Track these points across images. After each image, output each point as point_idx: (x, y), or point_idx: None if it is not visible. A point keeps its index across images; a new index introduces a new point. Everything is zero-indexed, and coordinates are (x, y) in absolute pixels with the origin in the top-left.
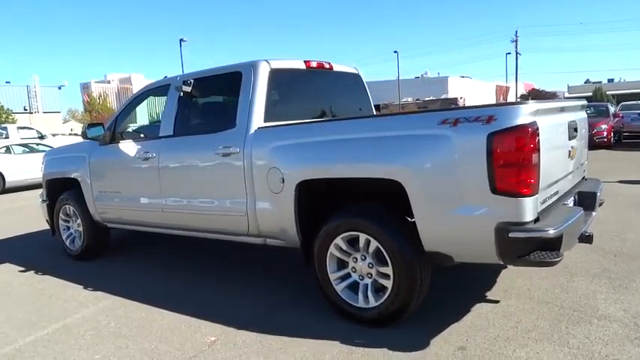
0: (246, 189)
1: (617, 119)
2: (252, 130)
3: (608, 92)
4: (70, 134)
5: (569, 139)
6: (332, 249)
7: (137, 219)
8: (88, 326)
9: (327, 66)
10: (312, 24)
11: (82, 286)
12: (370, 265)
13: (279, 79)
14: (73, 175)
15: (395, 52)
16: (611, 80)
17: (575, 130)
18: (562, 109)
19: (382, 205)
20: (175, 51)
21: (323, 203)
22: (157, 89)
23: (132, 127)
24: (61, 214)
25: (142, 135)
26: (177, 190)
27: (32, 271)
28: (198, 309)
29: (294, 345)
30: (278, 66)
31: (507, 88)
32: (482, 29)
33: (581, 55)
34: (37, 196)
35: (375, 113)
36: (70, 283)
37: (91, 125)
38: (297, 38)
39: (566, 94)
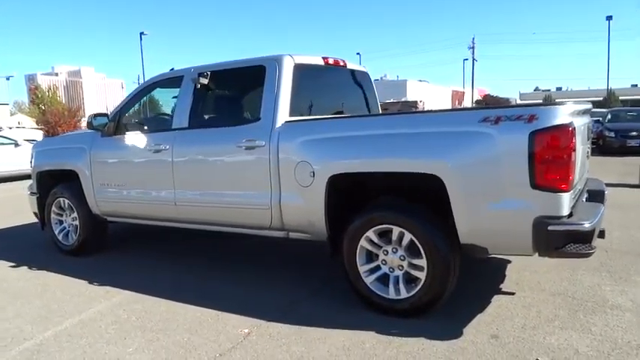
0: (271, 182)
1: None
2: (278, 124)
3: (557, 100)
4: (17, 127)
5: (587, 140)
6: (363, 242)
7: (144, 212)
8: (108, 321)
9: (342, 63)
10: (272, 24)
11: (86, 282)
12: (402, 258)
13: (301, 74)
14: (71, 167)
15: (357, 53)
16: (559, 89)
17: (589, 132)
18: (584, 112)
19: (416, 200)
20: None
21: (348, 197)
22: (167, 81)
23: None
24: (53, 208)
25: (145, 127)
26: (193, 183)
27: (25, 267)
28: (220, 302)
29: (331, 335)
30: (300, 61)
31: (463, 94)
32: (440, 35)
33: (531, 64)
34: (13, 188)
35: (380, 111)
36: (72, 278)
37: (97, 115)
38: (258, 37)
39: (518, 101)
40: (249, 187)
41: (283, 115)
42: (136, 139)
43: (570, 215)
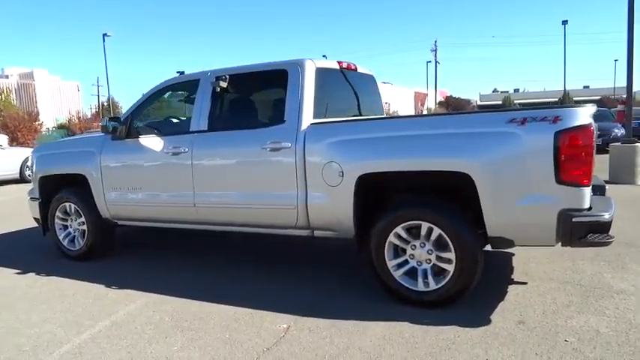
0: (297, 182)
1: None
2: (303, 126)
3: (515, 101)
4: None
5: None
6: (391, 237)
7: (159, 215)
8: (142, 322)
9: (353, 67)
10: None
11: (103, 285)
12: (430, 252)
13: (322, 77)
14: (79, 172)
15: (324, 56)
16: (517, 90)
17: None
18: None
19: (444, 196)
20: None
21: (372, 196)
22: (181, 84)
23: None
24: (58, 213)
25: (159, 130)
26: (215, 185)
27: (32, 273)
28: (249, 301)
29: (367, 327)
30: (320, 65)
31: (425, 95)
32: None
33: (490, 66)
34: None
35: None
36: (87, 282)
37: (111, 119)
38: (215, 38)
39: (478, 102)
40: (275, 187)
41: (308, 117)
42: (150, 142)
43: (590, 208)
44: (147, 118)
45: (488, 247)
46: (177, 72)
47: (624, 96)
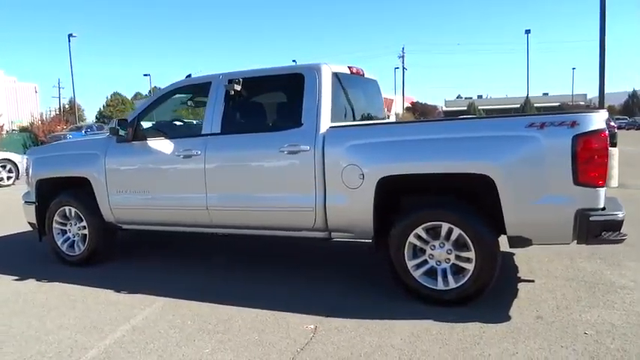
0: (315, 184)
1: None
2: (322, 130)
3: (479, 107)
4: None
5: None
6: (411, 238)
7: (169, 218)
8: (164, 326)
9: (362, 72)
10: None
11: (111, 290)
12: (449, 251)
13: (336, 82)
14: (82, 175)
15: (293, 61)
16: (480, 96)
17: None
18: None
19: (462, 198)
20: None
21: (392, 198)
22: (191, 87)
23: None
24: (56, 217)
25: (167, 132)
26: (229, 188)
27: (32, 279)
28: (268, 302)
29: (394, 325)
30: (335, 70)
31: (392, 101)
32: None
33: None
34: None
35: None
36: (93, 288)
37: (120, 122)
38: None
39: (444, 108)
40: (292, 189)
41: (326, 121)
42: (160, 144)
43: (604, 208)
44: (153, 120)
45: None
46: (187, 75)
47: (582, 102)
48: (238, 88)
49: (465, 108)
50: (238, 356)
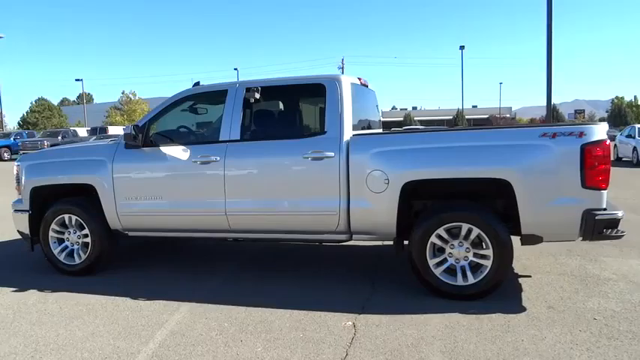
0: (340, 189)
1: None
2: (346, 137)
3: (415, 118)
4: None
5: None
6: (433, 238)
7: (182, 224)
8: (202, 329)
9: (366, 83)
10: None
11: (127, 298)
12: (467, 250)
13: (352, 92)
14: (86, 181)
15: (235, 69)
16: (415, 108)
17: None
18: None
19: (481, 201)
20: None
21: (414, 201)
22: (204, 94)
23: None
24: (53, 225)
25: (170, 139)
26: (251, 193)
27: (32, 290)
28: (298, 303)
29: (427, 319)
30: (352, 81)
31: None
32: (312, 55)
33: (391, 84)
34: None
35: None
36: (106, 296)
37: (136, 128)
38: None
39: (381, 118)
40: (316, 194)
41: (349, 128)
42: (173, 150)
43: (605, 208)
44: (161, 127)
45: None
46: (195, 83)
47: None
48: (257, 96)
49: (402, 119)
50: (293, 353)
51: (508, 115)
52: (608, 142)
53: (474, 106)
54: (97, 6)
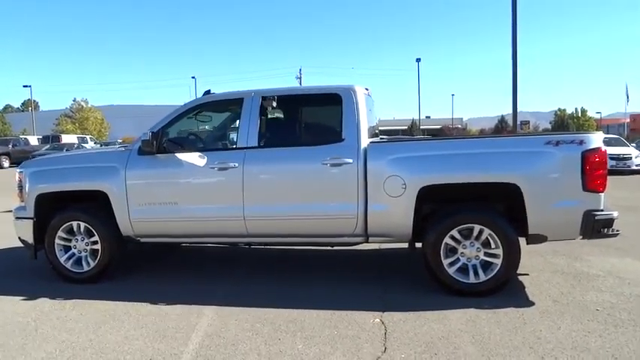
0: (358, 194)
1: None
2: (363, 144)
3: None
4: None
5: None
6: (447, 239)
7: (197, 230)
8: (236, 331)
9: (370, 93)
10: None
11: (146, 303)
12: (478, 249)
13: (366, 101)
14: (98, 188)
15: (193, 77)
16: None
17: None
18: None
19: (491, 203)
20: None
21: (428, 204)
22: (218, 102)
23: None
24: (60, 233)
25: (193, 146)
26: (271, 198)
27: (44, 298)
28: (321, 303)
29: (447, 314)
30: (364, 91)
31: None
32: (272, 65)
33: None
34: None
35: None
36: (127, 302)
37: (154, 135)
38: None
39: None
40: (334, 198)
41: (365, 136)
42: (188, 156)
43: (602, 209)
44: (173, 134)
45: None
46: (205, 91)
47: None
48: (274, 105)
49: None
50: (334, 349)
51: (460, 126)
52: (604, 149)
53: (427, 117)
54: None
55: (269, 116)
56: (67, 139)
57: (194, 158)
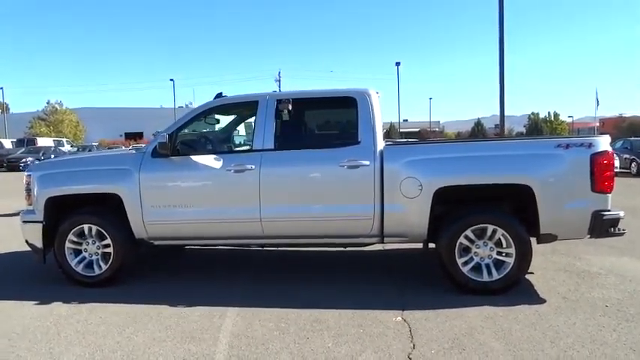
0: (374, 195)
1: None
2: (379, 147)
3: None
4: None
5: None
6: (461, 239)
7: (212, 232)
8: (262, 332)
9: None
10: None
11: (165, 306)
12: (491, 249)
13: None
14: (111, 190)
15: (171, 79)
16: None
17: None
18: None
19: (504, 204)
20: None
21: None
22: (232, 105)
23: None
24: (70, 236)
25: (196, 148)
26: (287, 200)
27: (57, 302)
28: (339, 303)
29: (465, 312)
30: (377, 94)
31: None
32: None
33: None
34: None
35: None
36: (145, 305)
37: (170, 137)
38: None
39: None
40: (351, 200)
41: (380, 138)
42: (204, 159)
43: (609, 209)
44: (187, 136)
45: None
46: (217, 94)
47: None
48: (290, 107)
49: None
50: (364, 347)
51: (437, 129)
52: (611, 151)
53: (404, 120)
54: None
55: (284, 119)
56: (42, 142)
57: (209, 160)
